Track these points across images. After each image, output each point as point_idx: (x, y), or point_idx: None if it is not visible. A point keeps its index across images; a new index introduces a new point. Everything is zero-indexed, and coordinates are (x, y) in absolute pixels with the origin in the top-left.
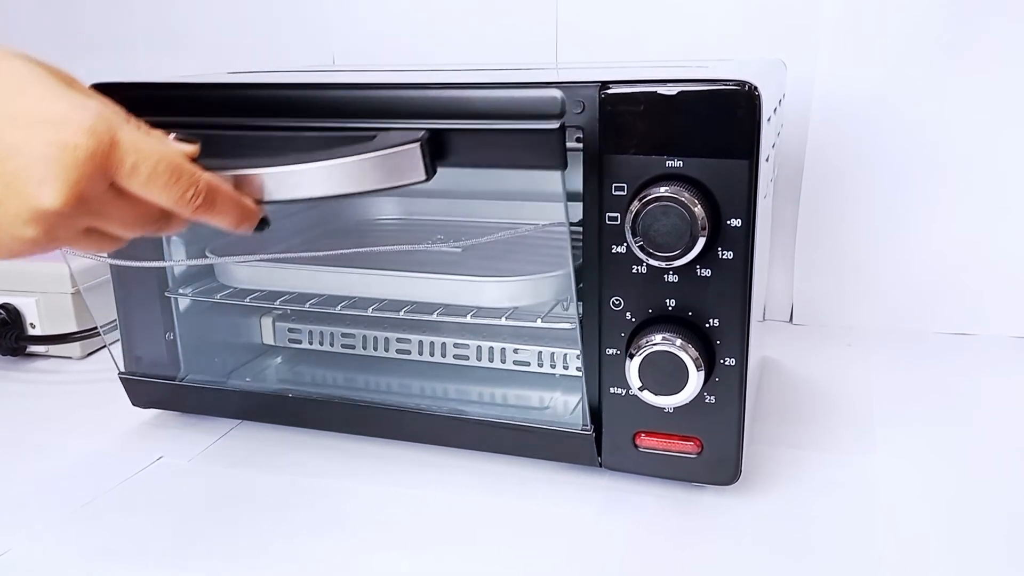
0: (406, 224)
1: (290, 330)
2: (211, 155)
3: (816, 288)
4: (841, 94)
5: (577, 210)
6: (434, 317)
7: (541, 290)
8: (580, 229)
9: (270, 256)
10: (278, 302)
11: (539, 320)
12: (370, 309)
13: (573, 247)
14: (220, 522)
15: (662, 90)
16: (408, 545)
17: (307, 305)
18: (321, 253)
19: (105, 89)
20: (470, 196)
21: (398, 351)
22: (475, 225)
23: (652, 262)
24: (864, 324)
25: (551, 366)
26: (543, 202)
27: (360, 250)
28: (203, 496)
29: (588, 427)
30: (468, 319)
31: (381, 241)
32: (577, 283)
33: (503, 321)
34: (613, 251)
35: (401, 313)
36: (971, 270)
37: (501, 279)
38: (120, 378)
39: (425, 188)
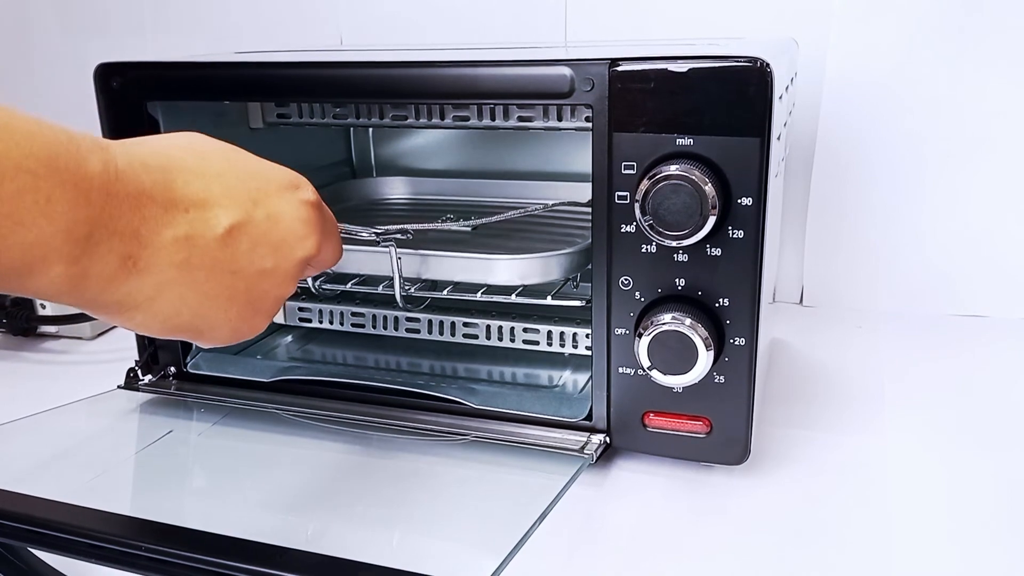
0: (415, 204)
1: (300, 309)
2: None
3: (826, 270)
4: (854, 73)
5: (586, 189)
6: (444, 295)
7: (551, 268)
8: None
9: None
10: None
11: (548, 298)
12: (380, 287)
13: (584, 226)
14: (231, 483)
15: (673, 67)
16: (414, 519)
17: (317, 284)
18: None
19: (114, 69)
20: (479, 176)
21: (407, 330)
22: (485, 205)
23: (662, 241)
24: (874, 306)
25: (560, 345)
26: (553, 182)
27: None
28: (214, 463)
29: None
30: (479, 296)
31: (390, 220)
32: (586, 263)
33: (513, 299)
34: (622, 230)
35: (412, 290)
36: (982, 252)
37: (512, 257)
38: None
39: (435, 167)
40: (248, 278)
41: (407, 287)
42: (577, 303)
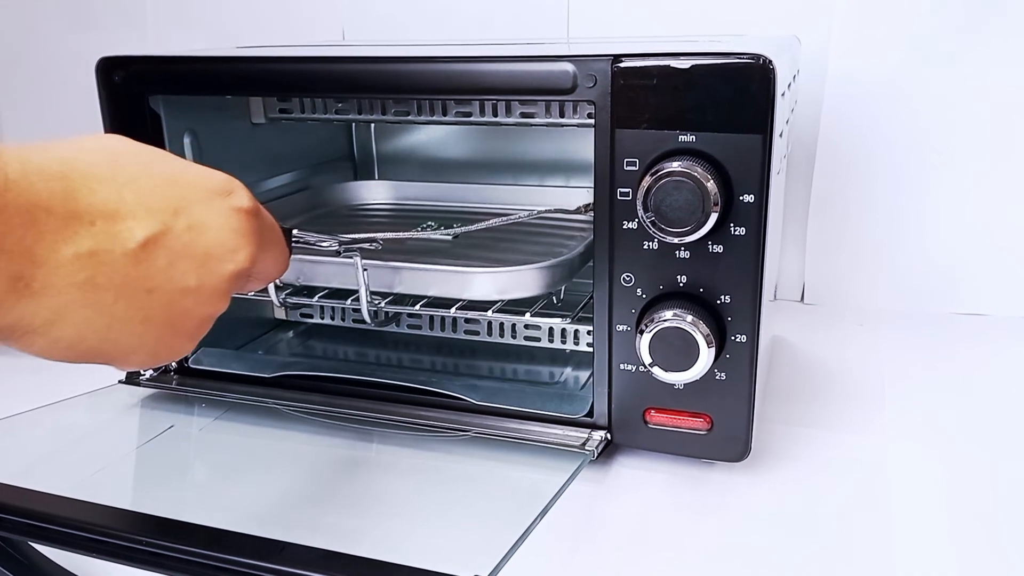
0: (397, 209)
1: (302, 305)
2: None
3: (828, 268)
4: (856, 71)
5: (577, 196)
6: (417, 309)
7: (534, 281)
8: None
9: None
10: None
11: (528, 314)
12: (349, 300)
13: (583, 229)
14: (232, 478)
15: (675, 63)
16: (414, 514)
17: (282, 297)
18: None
19: (116, 63)
20: (480, 171)
21: (409, 326)
22: (470, 212)
23: (663, 238)
24: (876, 304)
25: (562, 341)
26: (544, 187)
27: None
28: (215, 458)
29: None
30: (454, 312)
31: (370, 227)
32: (571, 275)
33: (490, 315)
34: (624, 227)
35: (383, 304)
36: (983, 250)
37: (490, 269)
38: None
39: (436, 163)
40: (166, 297)
41: (377, 301)
42: (560, 320)
